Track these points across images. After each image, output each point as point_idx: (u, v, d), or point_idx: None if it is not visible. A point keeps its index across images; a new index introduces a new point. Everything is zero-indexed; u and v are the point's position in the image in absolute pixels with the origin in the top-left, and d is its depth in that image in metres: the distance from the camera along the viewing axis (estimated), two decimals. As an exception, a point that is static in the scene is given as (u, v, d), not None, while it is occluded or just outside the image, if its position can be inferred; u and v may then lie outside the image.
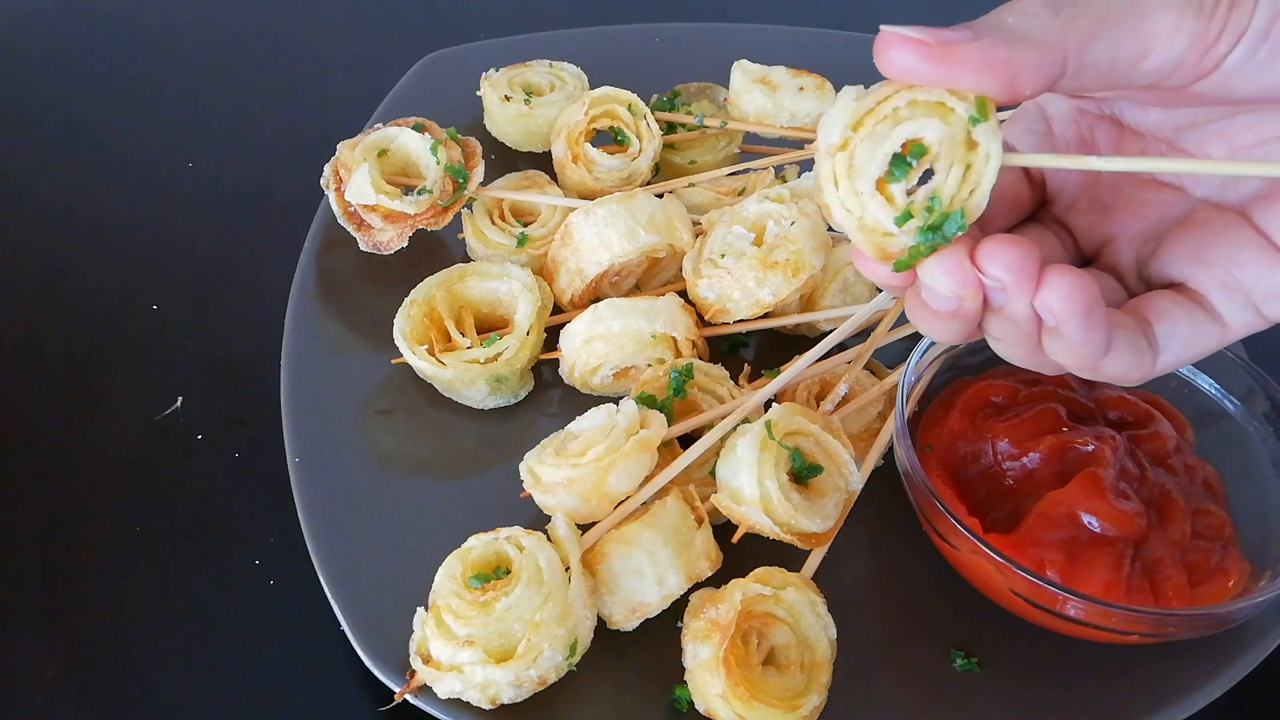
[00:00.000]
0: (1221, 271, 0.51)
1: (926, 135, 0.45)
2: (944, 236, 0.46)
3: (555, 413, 0.85)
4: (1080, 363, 0.49)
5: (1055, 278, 0.46)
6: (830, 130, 0.46)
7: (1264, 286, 0.50)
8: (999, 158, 0.45)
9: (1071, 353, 0.49)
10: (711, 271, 0.81)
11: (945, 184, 0.46)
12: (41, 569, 0.77)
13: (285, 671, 0.73)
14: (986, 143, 0.45)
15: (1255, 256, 0.51)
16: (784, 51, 1.04)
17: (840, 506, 0.69)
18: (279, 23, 1.30)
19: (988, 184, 0.46)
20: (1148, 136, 0.54)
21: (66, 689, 0.71)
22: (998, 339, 0.51)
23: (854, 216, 0.47)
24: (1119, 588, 0.66)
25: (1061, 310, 0.46)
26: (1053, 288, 0.46)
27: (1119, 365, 0.50)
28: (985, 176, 0.45)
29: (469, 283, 0.84)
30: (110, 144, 1.12)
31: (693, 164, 1.00)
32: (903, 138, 0.45)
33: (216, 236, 1.02)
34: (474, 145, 0.91)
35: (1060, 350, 0.49)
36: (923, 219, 0.46)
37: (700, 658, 0.64)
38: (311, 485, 0.77)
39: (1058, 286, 0.46)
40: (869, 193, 0.46)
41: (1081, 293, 0.46)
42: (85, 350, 0.91)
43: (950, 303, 0.48)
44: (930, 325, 0.51)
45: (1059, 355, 0.50)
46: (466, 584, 0.65)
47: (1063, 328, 0.47)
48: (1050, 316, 0.47)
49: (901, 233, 0.47)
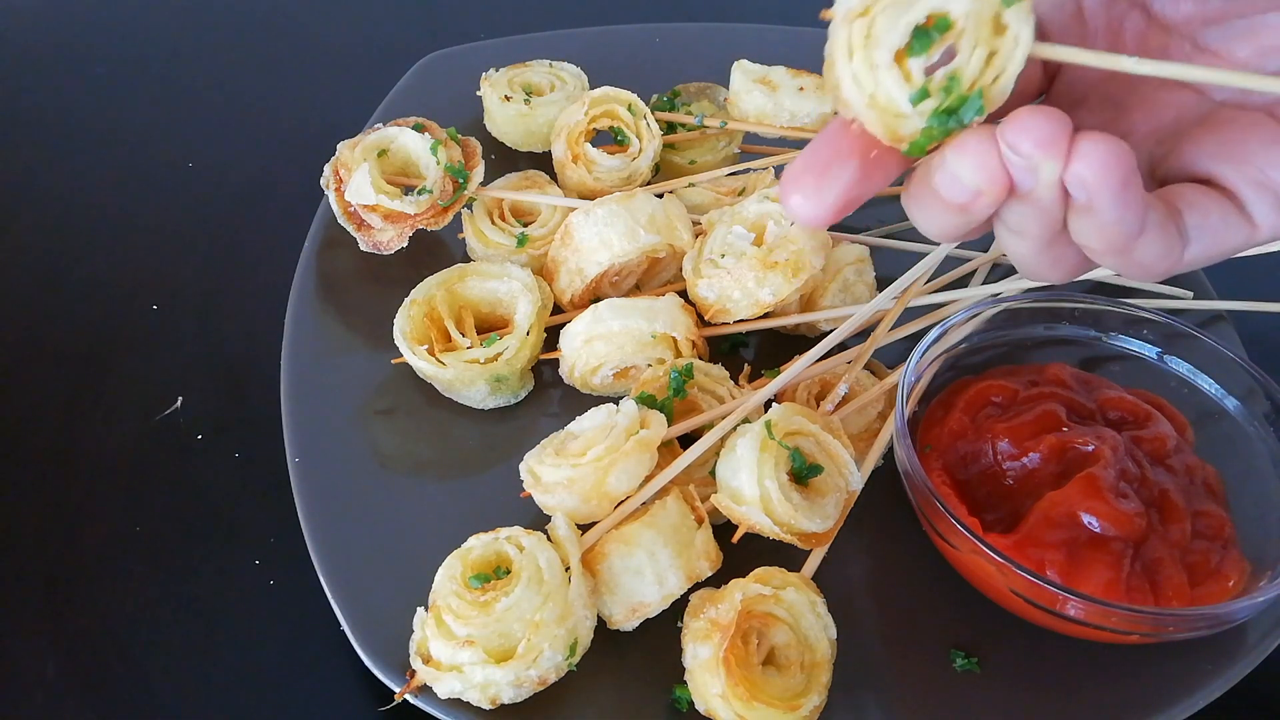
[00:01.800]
0: (1254, 169, 0.48)
1: (953, 8, 0.42)
2: (959, 121, 0.43)
3: (555, 413, 0.85)
4: (1113, 243, 0.45)
5: (1088, 146, 0.42)
6: None
7: None
8: (1028, 44, 0.43)
9: (1103, 232, 0.45)
10: (711, 271, 0.81)
11: (967, 65, 0.43)
12: (41, 569, 0.77)
13: (285, 671, 0.73)
14: (1017, 26, 0.42)
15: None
16: (784, 51, 1.04)
17: (840, 506, 0.69)
18: (279, 22, 1.30)
19: (1014, 70, 0.43)
20: (1174, 32, 0.52)
21: (66, 689, 0.71)
22: (1015, 231, 0.47)
23: (865, 92, 0.44)
24: (1119, 588, 0.66)
25: (1095, 182, 0.42)
26: (1084, 158, 0.42)
27: (1150, 250, 0.46)
28: (1012, 62, 0.43)
29: (469, 283, 0.84)
30: (110, 143, 1.12)
31: (693, 164, 1.00)
32: (928, 8, 0.42)
33: (216, 236, 1.02)
34: (474, 145, 0.91)
35: (1091, 230, 0.45)
36: (939, 100, 0.43)
37: (700, 658, 0.64)
38: (311, 485, 0.77)
39: (1090, 156, 0.42)
40: (886, 65, 0.43)
41: (1119, 161, 0.42)
42: (85, 350, 0.91)
43: (967, 193, 0.45)
44: (934, 219, 0.47)
45: (1089, 237, 0.46)
46: (466, 584, 0.65)
47: (1095, 202, 0.43)
48: (1081, 191, 0.43)
49: (914, 113, 0.44)
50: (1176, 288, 0.94)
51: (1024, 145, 0.43)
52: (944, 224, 0.47)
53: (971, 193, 0.45)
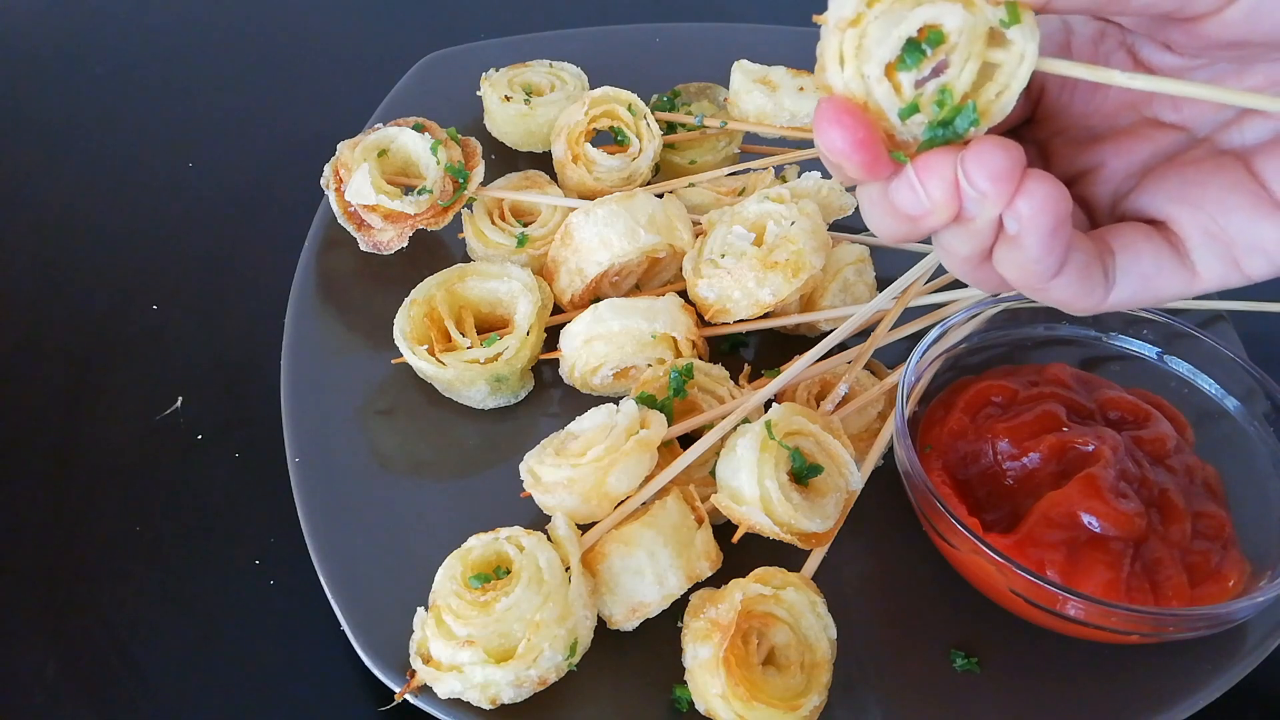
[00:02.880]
0: (1207, 217, 0.48)
1: (947, 21, 0.42)
2: (955, 132, 0.43)
3: (555, 413, 0.85)
4: (1028, 280, 0.47)
5: (1031, 185, 0.43)
6: (843, 2, 0.43)
7: (1249, 239, 0.47)
8: (1034, 59, 0.42)
9: (1021, 269, 0.46)
10: (711, 271, 0.81)
11: (959, 78, 0.42)
12: (41, 569, 0.77)
13: (285, 671, 0.72)
14: (1023, 42, 0.42)
15: (1247, 204, 0.47)
16: (784, 51, 1.04)
17: (840, 506, 0.69)
18: (279, 23, 1.30)
19: (1018, 86, 0.42)
20: (1158, 72, 0.51)
21: (66, 689, 0.71)
22: (949, 250, 0.48)
23: (858, 101, 0.44)
24: (1119, 588, 0.66)
25: (1029, 220, 0.43)
26: (1027, 195, 0.43)
27: (1065, 290, 0.47)
28: (1016, 79, 0.42)
29: (469, 283, 0.84)
30: (110, 144, 1.12)
31: (693, 164, 1.00)
32: (921, 20, 0.41)
33: (216, 237, 1.02)
34: (474, 145, 0.91)
35: (1011, 264, 0.46)
36: (931, 114, 0.43)
37: (700, 658, 0.64)
38: (311, 485, 0.77)
39: (1031, 195, 0.43)
40: (876, 77, 0.43)
41: (1054, 205, 0.43)
42: (85, 350, 0.91)
43: (919, 208, 0.45)
44: (882, 221, 0.48)
45: (1008, 269, 0.47)
46: (466, 584, 0.65)
47: (1024, 239, 0.44)
48: (1014, 224, 0.44)
49: (904, 127, 0.44)
50: (1176, 288, 0.94)
51: (979, 179, 0.43)
52: (890, 228, 0.48)
53: (924, 209, 0.45)
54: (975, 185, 0.43)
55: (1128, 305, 0.49)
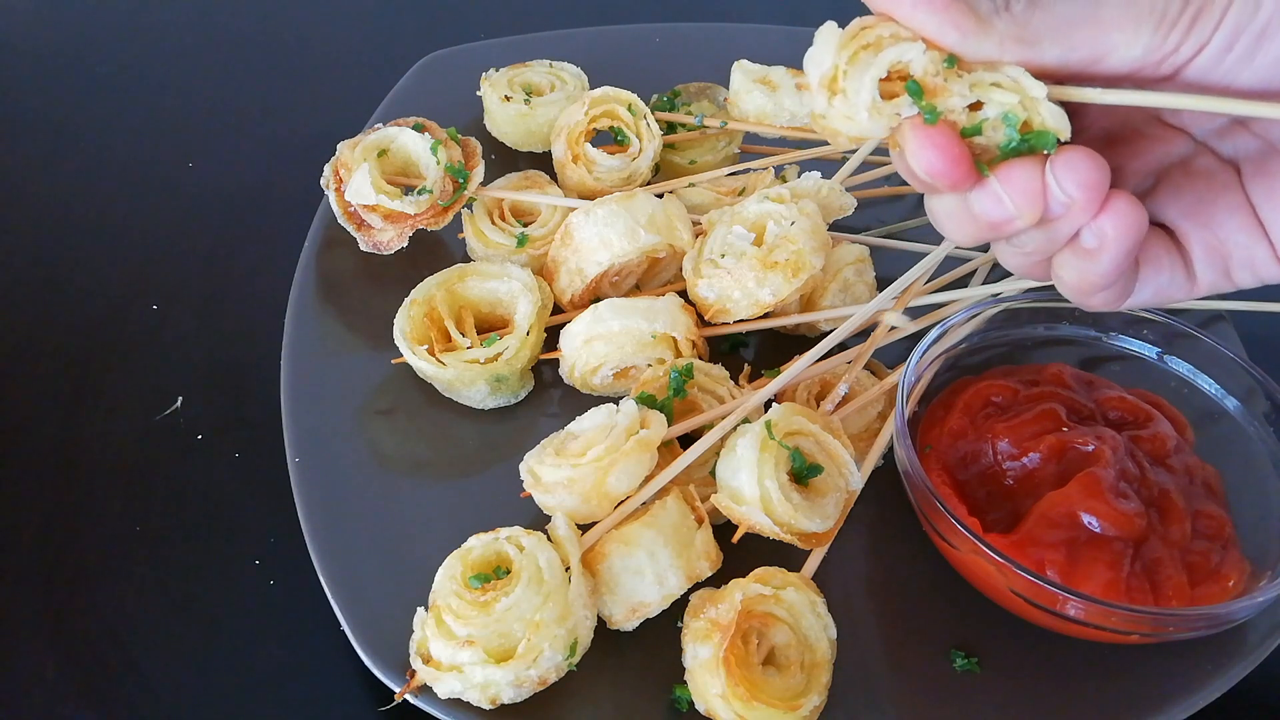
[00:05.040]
0: (1210, 234, 0.51)
1: (912, 59, 0.45)
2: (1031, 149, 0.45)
3: (555, 413, 0.85)
4: (1082, 287, 0.49)
5: (1120, 204, 0.45)
6: (819, 62, 0.46)
7: (1242, 256, 0.51)
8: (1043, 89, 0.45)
9: (1083, 277, 0.48)
10: (711, 271, 0.81)
11: (1013, 105, 0.45)
12: (41, 569, 0.77)
13: (285, 671, 0.72)
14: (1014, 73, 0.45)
15: (1242, 225, 0.51)
16: (784, 51, 1.04)
17: (840, 506, 0.69)
18: (279, 23, 1.30)
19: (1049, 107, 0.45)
20: None
21: (66, 689, 0.71)
22: (1018, 249, 0.50)
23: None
24: (1119, 588, 0.66)
25: (1112, 239, 0.45)
26: (1114, 215, 0.45)
27: (1106, 298, 0.50)
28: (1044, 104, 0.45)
29: (469, 283, 0.84)
30: (110, 144, 1.12)
31: (693, 164, 1.00)
32: (887, 63, 0.45)
33: (216, 236, 1.02)
34: (474, 145, 0.91)
35: (1074, 270, 0.48)
36: (1005, 138, 0.45)
37: (700, 658, 0.64)
38: (311, 485, 0.77)
39: (1119, 215, 0.45)
40: (869, 114, 0.45)
41: (1137, 228, 0.45)
42: (85, 350, 0.91)
43: (1005, 215, 0.47)
44: (962, 229, 0.49)
45: (1069, 273, 0.48)
46: (466, 584, 0.65)
47: (1101, 255, 0.46)
48: (1094, 239, 0.46)
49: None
50: (1176, 288, 0.94)
51: (1070, 186, 0.45)
52: (969, 234, 0.49)
53: (1008, 216, 0.47)
54: (1066, 192, 0.45)
55: (1138, 306, 0.53)
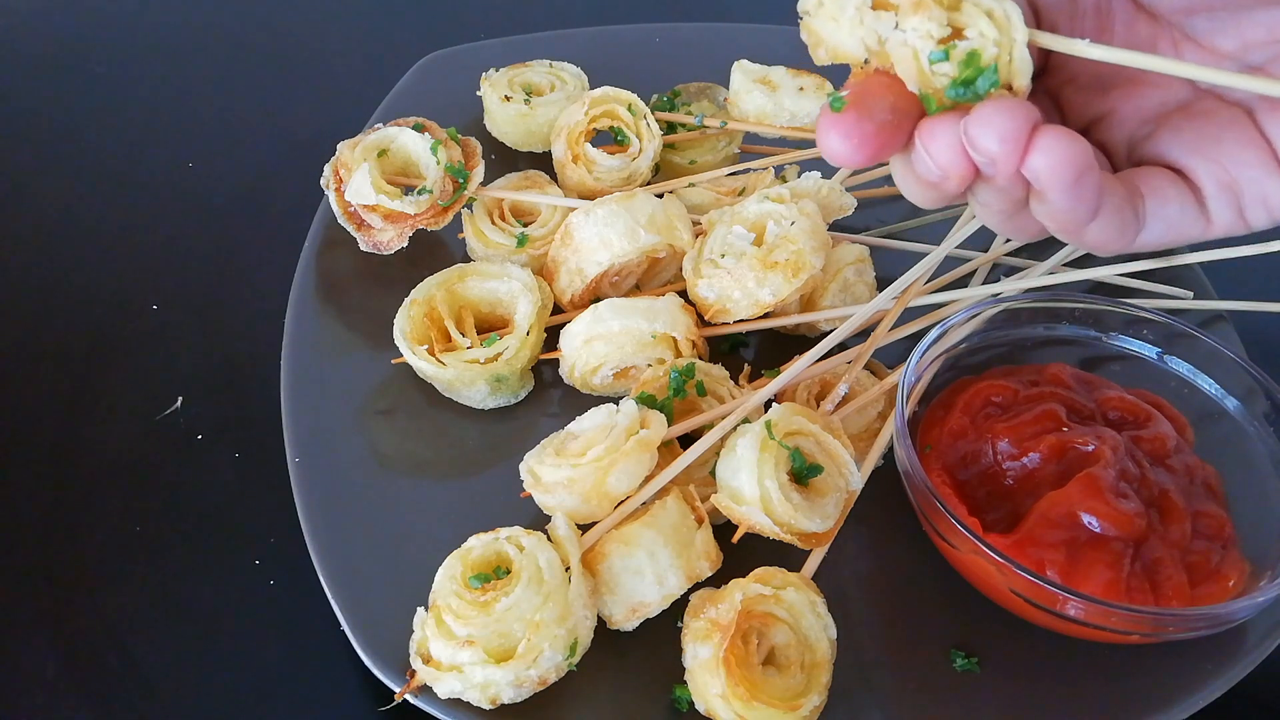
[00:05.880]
0: (1221, 169, 0.51)
1: None
2: (976, 93, 0.44)
3: (555, 413, 0.85)
4: (1063, 227, 0.49)
5: (1046, 141, 0.44)
6: None
7: (1254, 191, 0.50)
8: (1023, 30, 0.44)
9: (1054, 218, 0.48)
10: (711, 271, 0.81)
11: (986, 47, 0.44)
12: (41, 569, 0.77)
13: (285, 671, 0.73)
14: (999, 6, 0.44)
15: (1254, 160, 0.50)
16: (784, 51, 1.04)
17: (840, 506, 0.69)
18: (279, 23, 1.30)
19: (1022, 40, 0.44)
20: (1161, 20, 0.53)
21: (66, 689, 0.71)
22: (983, 204, 0.50)
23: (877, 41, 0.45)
24: (1119, 588, 0.66)
25: (1048, 176, 0.45)
26: (1042, 152, 0.45)
27: (1102, 233, 0.49)
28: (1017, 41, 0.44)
29: (469, 283, 0.84)
30: (110, 144, 1.12)
31: (693, 164, 1.00)
32: None
33: (216, 236, 1.02)
34: (474, 145, 0.91)
35: (1045, 214, 0.48)
36: (957, 70, 0.44)
37: (700, 658, 0.64)
38: (311, 485, 0.77)
39: (1047, 152, 0.45)
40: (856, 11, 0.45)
41: (1072, 158, 0.45)
42: (85, 350, 0.91)
43: (935, 174, 0.47)
44: (911, 188, 0.50)
45: (1044, 218, 0.49)
46: (466, 584, 0.65)
47: (1048, 193, 0.46)
48: (1037, 180, 0.46)
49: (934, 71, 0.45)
50: (1176, 288, 0.94)
51: (982, 141, 0.45)
52: (919, 194, 0.50)
53: (939, 175, 0.47)
54: (981, 150, 0.45)
55: (1153, 246, 0.52)
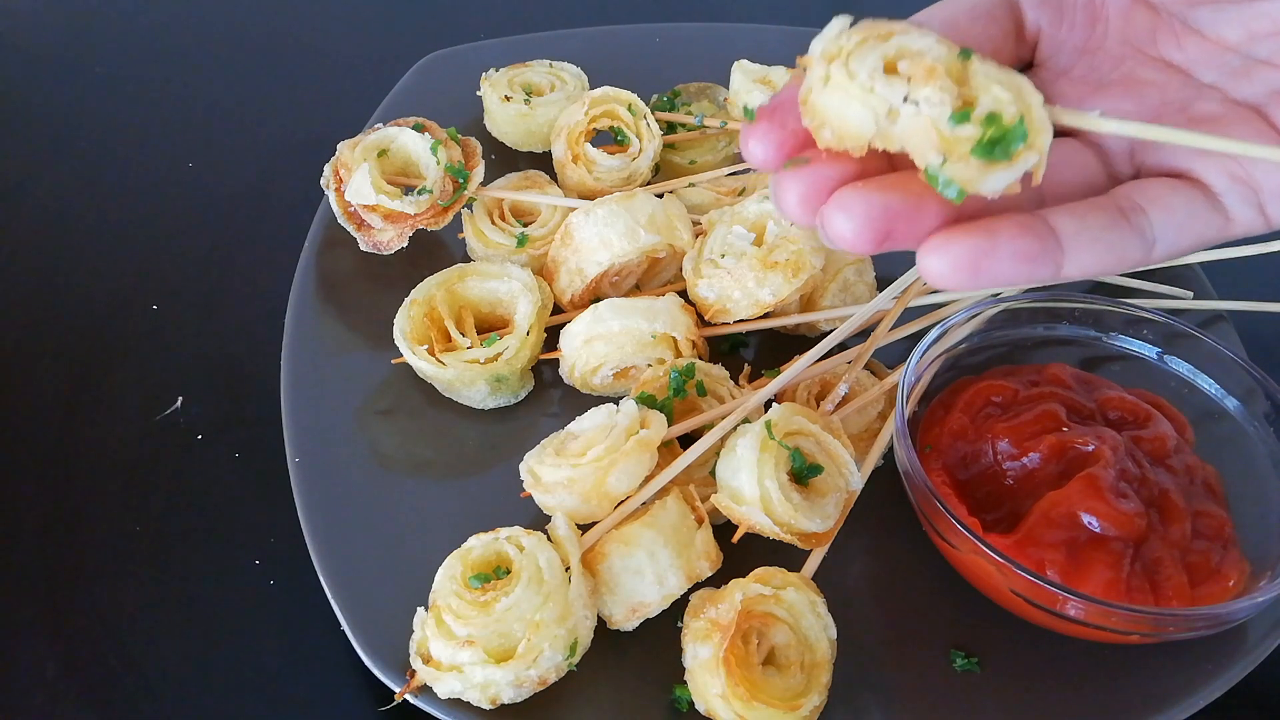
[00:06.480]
0: (1232, 162, 0.48)
1: (925, 48, 0.42)
2: (1006, 151, 0.42)
3: (555, 413, 0.85)
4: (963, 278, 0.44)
5: (828, 208, 0.43)
6: (825, 37, 0.43)
7: (1273, 185, 0.48)
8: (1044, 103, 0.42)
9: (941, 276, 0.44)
10: (711, 271, 0.81)
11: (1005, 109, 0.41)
12: (41, 569, 0.77)
13: (285, 671, 0.73)
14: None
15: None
16: (784, 51, 1.03)
17: (840, 506, 0.69)
18: (279, 23, 1.30)
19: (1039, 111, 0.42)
20: (1161, 11, 0.52)
21: (66, 689, 0.71)
22: None
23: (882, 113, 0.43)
24: (1119, 588, 0.66)
25: (839, 234, 0.43)
26: (827, 221, 0.43)
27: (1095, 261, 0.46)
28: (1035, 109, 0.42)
29: (469, 283, 0.84)
30: (110, 144, 1.12)
31: (693, 164, 1.00)
32: (898, 44, 0.42)
33: (216, 236, 1.02)
34: (474, 145, 0.91)
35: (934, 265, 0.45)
36: (980, 130, 0.42)
37: (700, 658, 0.64)
38: (311, 485, 0.77)
39: (829, 217, 0.43)
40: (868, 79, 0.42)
41: (857, 227, 0.42)
42: (85, 350, 0.91)
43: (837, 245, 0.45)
44: None
45: None
46: (466, 584, 0.65)
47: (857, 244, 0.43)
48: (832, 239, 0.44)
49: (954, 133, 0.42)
50: (1176, 288, 0.94)
51: (786, 206, 0.44)
52: None
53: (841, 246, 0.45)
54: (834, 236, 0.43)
55: (1173, 255, 0.49)
